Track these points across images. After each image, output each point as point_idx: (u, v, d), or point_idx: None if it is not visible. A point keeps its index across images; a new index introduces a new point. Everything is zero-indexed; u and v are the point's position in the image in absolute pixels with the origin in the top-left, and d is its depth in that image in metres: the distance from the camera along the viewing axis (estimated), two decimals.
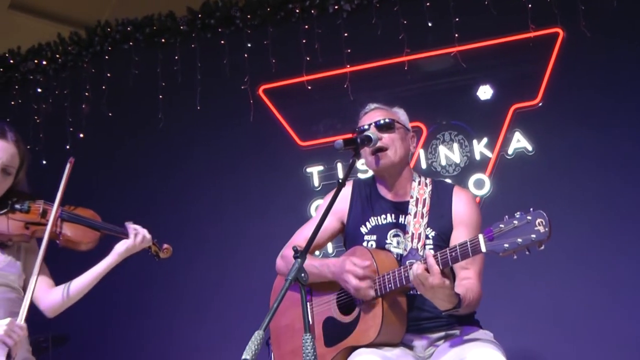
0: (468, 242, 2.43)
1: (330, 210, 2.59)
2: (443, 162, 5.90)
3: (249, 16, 6.51)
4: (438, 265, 2.42)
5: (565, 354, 5.04)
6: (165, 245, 3.42)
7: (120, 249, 3.13)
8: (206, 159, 6.35)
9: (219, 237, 6.06)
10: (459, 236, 2.82)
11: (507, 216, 2.34)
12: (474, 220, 2.93)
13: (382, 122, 2.98)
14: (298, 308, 2.79)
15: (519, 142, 5.73)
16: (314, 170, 6.18)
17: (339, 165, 6.11)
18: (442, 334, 2.78)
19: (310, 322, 2.86)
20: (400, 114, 3.13)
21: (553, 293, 5.20)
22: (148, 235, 3.20)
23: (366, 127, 2.98)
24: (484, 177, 5.73)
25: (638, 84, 5.51)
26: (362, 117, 3.10)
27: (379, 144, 2.91)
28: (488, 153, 5.80)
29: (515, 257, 2.30)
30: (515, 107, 5.78)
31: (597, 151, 5.48)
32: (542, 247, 2.26)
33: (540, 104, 5.73)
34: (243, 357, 1.89)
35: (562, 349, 5.05)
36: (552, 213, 2.31)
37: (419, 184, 3.00)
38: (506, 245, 2.29)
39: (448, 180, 4.84)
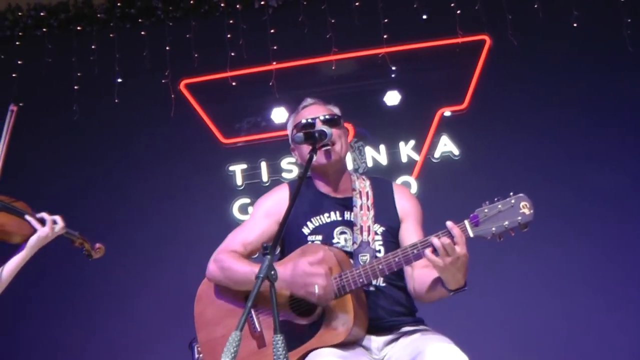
0: None
1: (290, 211, 2.44)
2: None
3: (170, 8, 6.29)
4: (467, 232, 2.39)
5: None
6: (98, 245, 3.25)
7: (33, 240, 2.96)
8: (125, 154, 6.03)
9: (137, 237, 5.74)
10: (408, 230, 2.80)
11: (487, 202, 2.38)
12: (419, 214, 2.90)
13: (328, 117, 2.88)
14: (237, 317, 2.66)
15: (446, 145, 5.80)
16: (237, 169, 6.01)
17: (263, 165, 5.98)
18: (395, 335, 2.66)
19: (259, 329, 2.71)
20: (337, 111, 3.03)
21: (480, 293, 5.26)
22: (61, 223, 3.05)
23: (309, 120, 2.87)
24: (411, 179, 5.74)
25: (561, 91, 5.69)
26: (301, 111, 2.97)
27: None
28: (415, 156, 5.82)
29: (501, 239, 2.36)
30: (442, 112, 5.84)
31: (522, 156, 5.61)
32: (527, 229, 2.33)
33: (467, 109, 5.81)
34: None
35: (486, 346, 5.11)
36: None
37: (357, 178, 2.94)
38: (493, 229, 2.35)
39: None
